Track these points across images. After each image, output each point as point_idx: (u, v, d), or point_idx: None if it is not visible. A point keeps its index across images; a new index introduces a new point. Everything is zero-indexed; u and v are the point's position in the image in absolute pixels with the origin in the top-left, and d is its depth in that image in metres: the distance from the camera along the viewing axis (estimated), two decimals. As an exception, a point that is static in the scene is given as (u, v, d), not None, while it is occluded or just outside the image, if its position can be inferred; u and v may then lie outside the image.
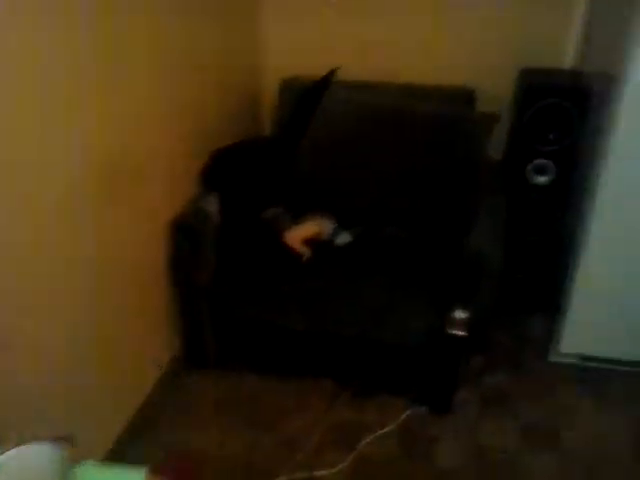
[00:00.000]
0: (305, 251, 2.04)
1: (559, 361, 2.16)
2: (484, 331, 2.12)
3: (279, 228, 2.11)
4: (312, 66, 2.38)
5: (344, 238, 2.15)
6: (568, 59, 2.31)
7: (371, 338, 1.93)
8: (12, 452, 0.93)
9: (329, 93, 2.28)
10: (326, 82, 2.37)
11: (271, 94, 2.53)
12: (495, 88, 2.35)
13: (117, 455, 1.73)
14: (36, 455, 0.94)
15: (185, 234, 1.94)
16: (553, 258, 2.28)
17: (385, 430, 1.90)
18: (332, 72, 2.39)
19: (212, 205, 2.09)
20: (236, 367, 2.14)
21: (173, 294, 2.03)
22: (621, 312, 2.01)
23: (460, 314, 1.79)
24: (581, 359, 2.13)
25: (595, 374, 2.11)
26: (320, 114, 2.24)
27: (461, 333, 1.80)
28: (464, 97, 2.27)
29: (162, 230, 1.93)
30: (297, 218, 2.16)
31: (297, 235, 2.09)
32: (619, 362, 2.11)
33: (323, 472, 1.77)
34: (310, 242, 2.07)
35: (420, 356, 1.92)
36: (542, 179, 2.18)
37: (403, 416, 1.95)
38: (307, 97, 2.35)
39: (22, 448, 0.94)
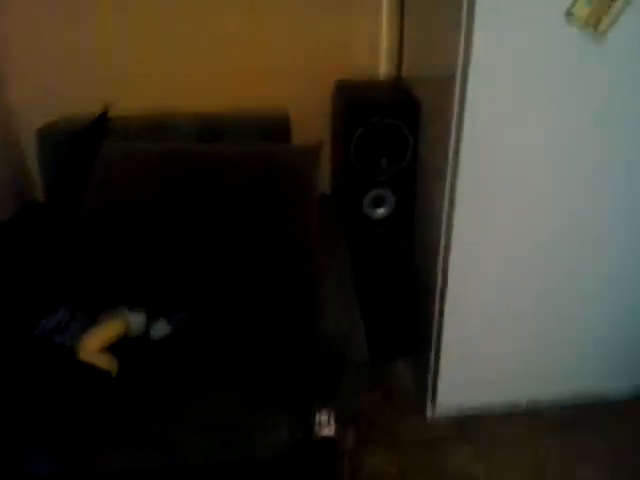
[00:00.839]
0: (110, 364, 1.51)
1: (438, 416, 1.91)
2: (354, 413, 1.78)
3: (66, 341, 1.55)
4: (81, 102, 1.82)
5: (161, 329, 1.64)
6: (384, 68, 2.01)
7: (220, 464, 1.48)
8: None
9: (105, 143, 1.75)
10: (99, 127, 1.82)
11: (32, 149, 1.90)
12: (312, 110, 1.98)
13: None
14: None
15: None
16: (406, 297, 2.01)
17: None
18: (105, 112, 1.85)
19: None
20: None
21: None
22: (492, 353, 1.81)
23: (324, 416, 1.42)
24: (460, 409, 1.90)
25: (478, 425, 1.88)
26: (98, 173, 1.69)
27: (329, 434, 1.43)
28: (277, 126, 1.86)
29: None
30: (92, 318, 1.61)
31: (94, 345, 1.53)
32: (496, 405, 1.91)
33: None
34: (117, 346, 1.55)
35: (286, 469, 1.52)
36: (381, 211, 1.87)
37: None
38: (76, 150, 1.79)
39: None
